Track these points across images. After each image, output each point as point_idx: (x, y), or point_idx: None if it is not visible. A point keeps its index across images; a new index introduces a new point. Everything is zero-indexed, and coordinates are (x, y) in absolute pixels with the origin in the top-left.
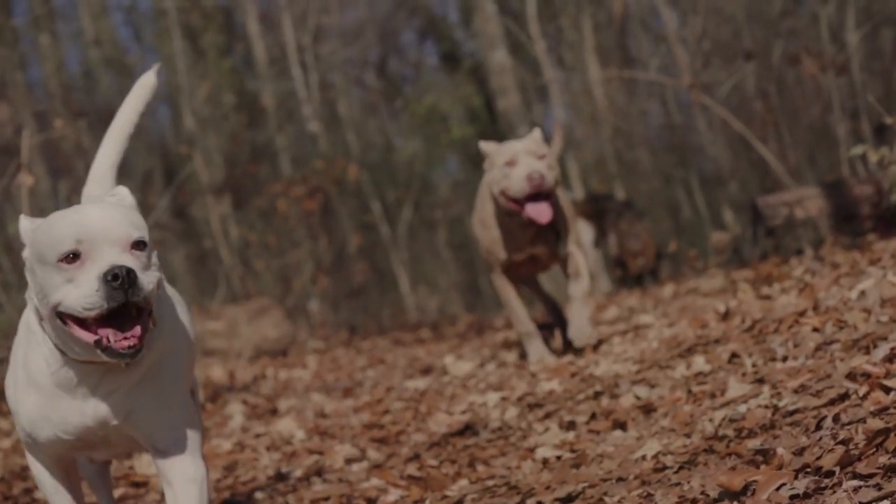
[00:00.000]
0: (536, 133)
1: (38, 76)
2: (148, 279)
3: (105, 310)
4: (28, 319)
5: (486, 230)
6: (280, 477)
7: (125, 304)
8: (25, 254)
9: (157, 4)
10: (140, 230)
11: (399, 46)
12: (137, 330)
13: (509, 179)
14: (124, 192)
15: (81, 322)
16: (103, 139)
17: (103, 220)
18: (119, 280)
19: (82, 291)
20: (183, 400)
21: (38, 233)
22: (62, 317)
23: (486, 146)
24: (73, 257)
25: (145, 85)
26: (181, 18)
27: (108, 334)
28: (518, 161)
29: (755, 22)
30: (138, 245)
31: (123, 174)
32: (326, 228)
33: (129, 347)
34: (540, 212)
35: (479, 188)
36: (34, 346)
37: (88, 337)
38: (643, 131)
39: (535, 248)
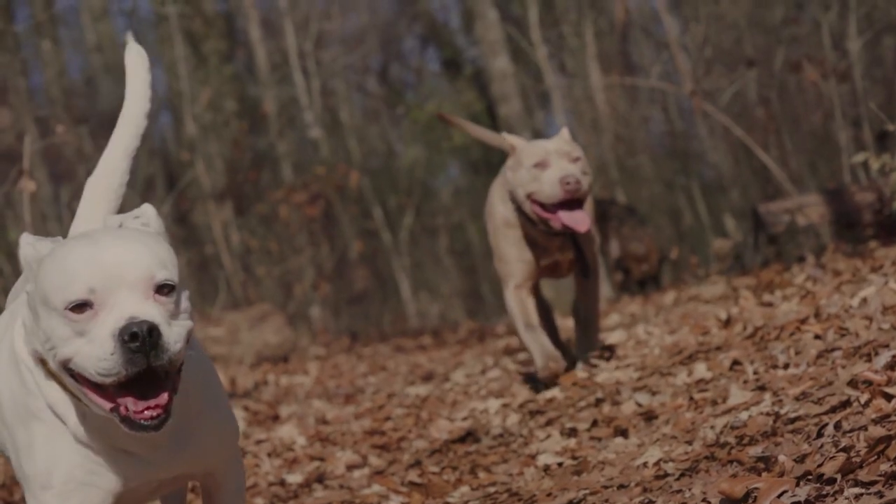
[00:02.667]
0: (566, 132)
1: (39, 82)
2: (175, 334)
3: (123, 377)
4: (15, 350)
5: (504, 238)
6: (281, 483)
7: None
8: (28, 288)
9: (159, 10)
10: (167, 268)
11: (401, 53)
12: (163, 397)
13: (540, 183)
14: (150, 214)
15: (96, 384)
16: (108, 146)
17: (122, 257)
18: (139, 340)
19: (96, 352)
20: (225, 409)
21: (43, 269)
22: (74, 374)
23: (513, 140)
24: (83, 307)
25: (141, 59)
26: (183, 24)
27: (128, 403)
28: (550, 163)
29: (757, 29)
30: (164, 289)
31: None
32: (328, 235)
33: (153, 418)
34: (577, 220)
35: (491, 189)
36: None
37: (104, 404)
38: (645, 138)
39: (562, 254)
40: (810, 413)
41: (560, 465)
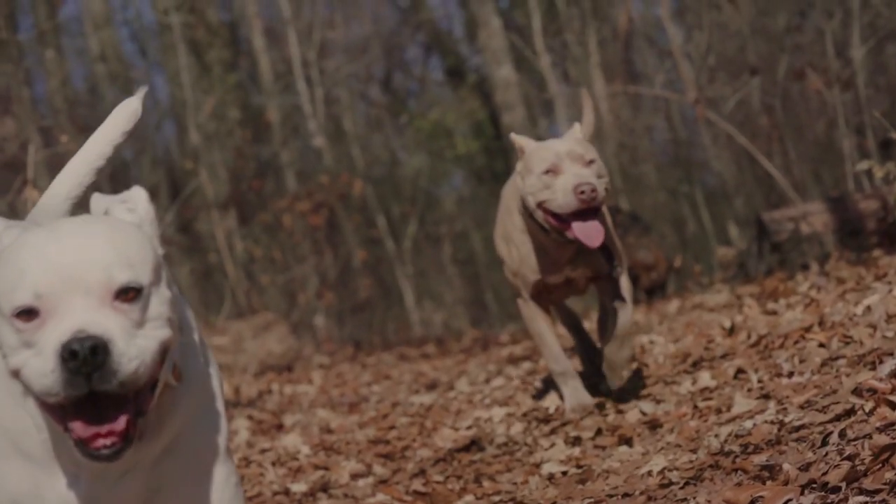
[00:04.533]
0: (578, 130)
1: (43, 91)
2: (137, 349)
3: (63, 399)
4: None
5: (513, 247)
6: (286, 492)
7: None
8: None
9: (162, 20)
10: (133, 268)
11: (404, 61)
12: (120, 422)
13: (552, 191)
14: (138, 199)
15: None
16: (66, 165)
17: (77, 255)
18: (78, 359)
19: (39, 367)
20: (223, 471)
21: None
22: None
23: (521, 141)
24: (29, 314)
25: (127, 112)
26: (186, 34)
27: (78, 428)
28: (562, 168)
29: (760, 37)
30: (126, 293)
31: (127, 187)
32: (331, 243)
33: (106, 447)
34: (590, 233)
35: (502, 195)
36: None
37: (57, 424)
38: (648, 146)
39: (574, 269)
40: (815, 421)
41: (564, 473)
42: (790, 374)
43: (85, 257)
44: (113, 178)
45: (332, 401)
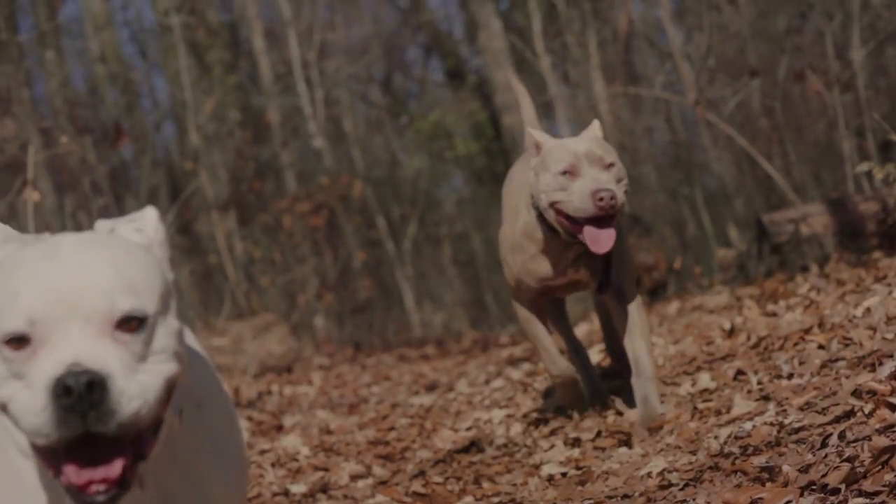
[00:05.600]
0: (597, 127)
1: (43, 92)
2: (139, 386)
3: (56, 441)
4: None
5: (517, 251)
6: (285, 494)
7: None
8: None
9: (162, 21)
10: (137, 294)
11: (404, 63)
12: (115, 467)
13: (568, 194)
14: (148, 219)
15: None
16: None
17: (76, 279)
18: (72, 397)
19: (29, 403)
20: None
21: None
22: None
23: (537, 136)
24: (20, 342)
25: None
26: (186, 35)
27: (69, 471)
28: (580, 170)
29: (760, 39)
30: (129, 323)
31: (127, 190)
32: (331, 244)
33: (99, 493)
34: (599, 240)
35: (504, 196)
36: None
37: (47, 468)
38: (648, 148)
39: (577, 271)
40: (814, 423)
41: (564, 475)
42: (790, 376)
43: (85, 280)
44: (113, 178)
45: (332, 402)
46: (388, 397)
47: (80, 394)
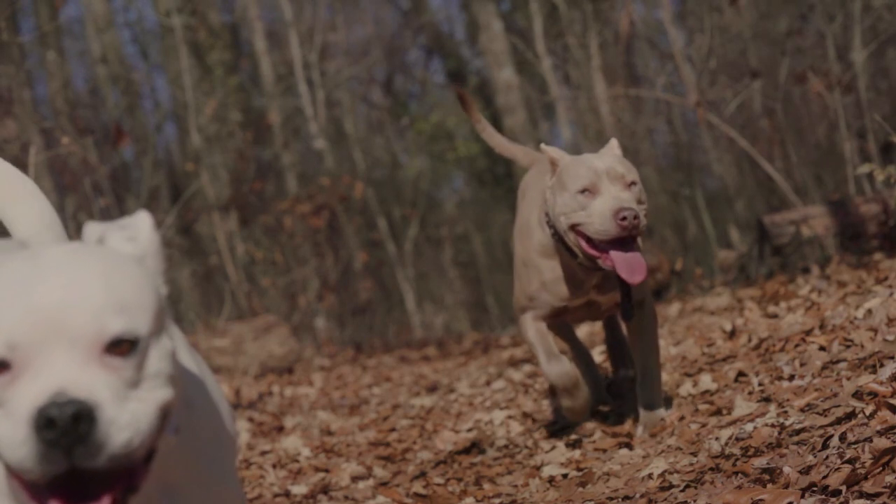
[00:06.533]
0: (616, 145)
1: (44, 93)
2: (130, 416)
3: (40, 477)
4: None
5: (533, 270)
6: (286, 495)
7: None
8: None
9: (164, 22)
10: (129, 314)
11: (405, 64)
12: (104, 502)
13: (588, 214)
14: (141, 226)
15: None
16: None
17: (61, 298)
18: (57, 430)
19: (9, 434)
20: None
21: None
22: None
23: (553, 154)
24: (1, 368)
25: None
26: (188, 36)
27: None
28: (600, 189)
29: (761, 40)
30: (120, 346)
31: (129, 191)
32: (332, 245)
33: None
34: (633, 267)
35: (518, 212)
36: None
37: (30, 500)
38: (649, 149)
39: (599, 293)
40: (815, 425)
41: (565, 476)
42: (791, 378)
43: (71, 299)
44: (114, 179)
45: (333, 403)
46: (389, 398)
47: (66, 427)
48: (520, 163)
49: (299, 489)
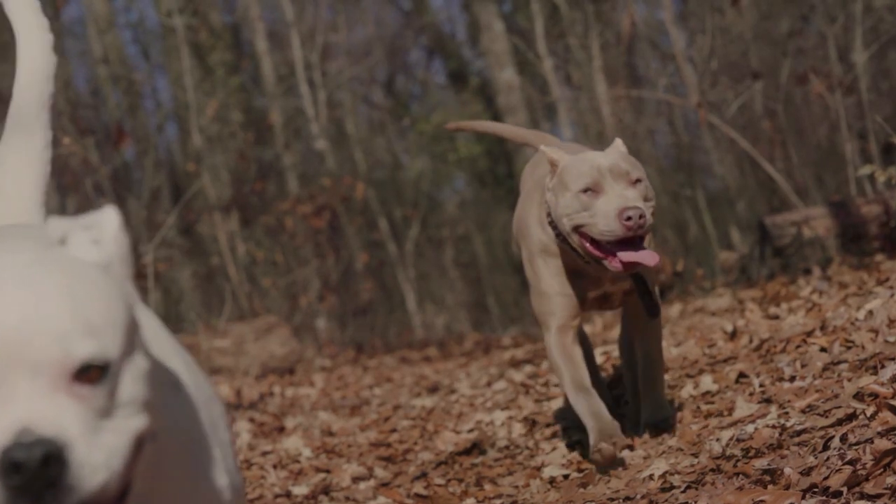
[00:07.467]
0: (620, 144)
1: None
2: (103, 453)
3: None
4: None
5: (542, 267)
6: (287, 495)
7: None
8: None
9: (165, 22)
10: (97, 335)
11: (406, 64)
12: None
13: (591, 214)
14: (107, 227)
15: None
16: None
17: (20, 320)
18: (25, 475)
19: None
20: None
21: None
22: None
23: (553, 154)
24: None
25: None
26: (189, 36)
27: None
28: (604, 188)
29: (763, 41)
30: (89, 373)
31: (131, 192)
32: (333, 246)
33: None
34: (643, 255)
35: (523, 207)
36: None
37: None
38: (650, 150)
39: (613, 283)
40: (816, 426)
41: (566, 477)
42: (792, 379)
43: (31, 322)
44: (115, 180)
45: (334, 403)
46: (390, 399)
47: (34, 471)
48: (534, 146)
49: (300, 490)
